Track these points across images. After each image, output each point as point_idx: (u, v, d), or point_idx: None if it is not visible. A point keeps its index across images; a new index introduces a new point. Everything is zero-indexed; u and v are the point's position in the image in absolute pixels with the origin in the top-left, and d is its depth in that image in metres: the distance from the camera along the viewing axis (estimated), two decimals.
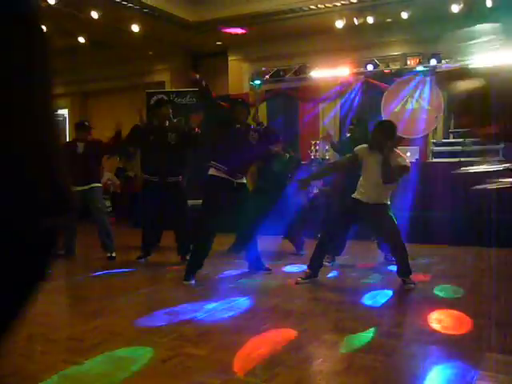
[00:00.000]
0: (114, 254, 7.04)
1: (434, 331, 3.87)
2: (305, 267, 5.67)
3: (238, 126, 5.76)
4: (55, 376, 3.01)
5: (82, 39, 11.77)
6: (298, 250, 7.20)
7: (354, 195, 5.35)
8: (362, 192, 5.30)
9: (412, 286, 5.17)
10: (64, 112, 16.58)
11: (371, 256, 6.71)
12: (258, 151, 5.96)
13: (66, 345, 3.58)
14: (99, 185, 7.30)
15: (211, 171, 5.63)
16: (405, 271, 5.24)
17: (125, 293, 5.19)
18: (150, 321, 4.11)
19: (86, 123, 7.35)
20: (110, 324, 4.06)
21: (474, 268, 6.38)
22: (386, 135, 5.21)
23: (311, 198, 8.62)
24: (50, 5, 9.36)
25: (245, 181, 5.84)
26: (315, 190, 8.75)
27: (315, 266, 5.48)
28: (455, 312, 4.36)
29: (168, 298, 4.95)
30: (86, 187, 6.98)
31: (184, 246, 6.67)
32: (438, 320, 4.16)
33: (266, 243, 7.46)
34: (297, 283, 5.40)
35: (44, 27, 1.19)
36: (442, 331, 3.86)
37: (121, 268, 6.50)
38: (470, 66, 9.60)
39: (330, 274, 5.74)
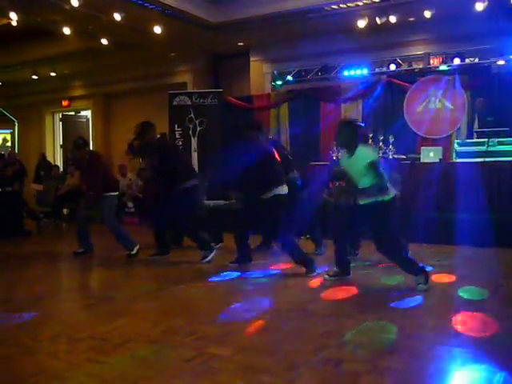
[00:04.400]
0: (133, 252, 7.07)
1: (459, 333, 3.83)
2: (326, 267, 5.72)
3: None
4: (79, 375, 3.04)
5: (104, 41, 11.87)
6: (318, 249, 7.18)
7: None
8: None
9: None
10: (87, 113, 16.77)
11: None
12: None
13: (89, 344, 3.60)
14: (111, 194, 7.27)
15: None
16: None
17: (147, 293, 5.21)
18: (172, 321, 4.13)
19: (80, 141, 7.36)
20: (133, 324, 4.09)
21: (499, 269, 6.29)
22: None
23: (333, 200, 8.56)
24: (73, 7, 9.46)
25: None
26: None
27: (342, 263, 5.52)
28: (480, 314, 4.30)
29: (191, 298, 4.96)
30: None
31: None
32: (463, 322, 4.11)
33: None
34: (324, 280, 5.48)
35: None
36: (467, 333, 3.82)
37: (144, 268, 6.54)
38: None
39: (353, 275, 5.69)
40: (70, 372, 3.08)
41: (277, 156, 6.23)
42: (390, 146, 9.59)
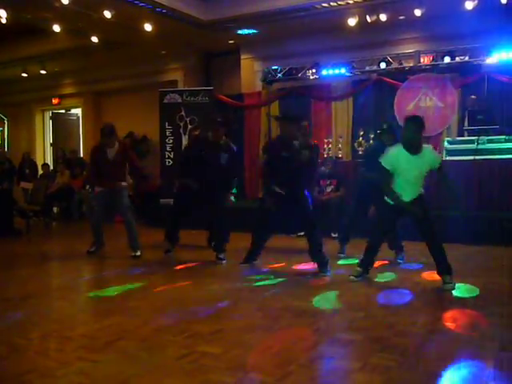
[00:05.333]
0: (138, 253, 7.07)
1: (449, 330, 3.85)
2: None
3: None
4: (70, 373, 3.03)
5: (95, 39, 11.83)
6: None
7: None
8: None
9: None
10: (77, 111, 16.71)
11: (384, 254, 6.66)
12: None
13: (80, 342, 3.59)
14: (125, 183, 7.23)
15: None
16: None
17: (139, 291, 5.20)
18: (163, 319, 4.13)
19: (112, 130, 7.10)
20: (124, 322, 4.08)
21: (489, 267, 6.33)
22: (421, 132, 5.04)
23: (324, 198, 8.60)
24: (63, 4, 9.42)
25: None
26: (328, 189, 8.73)
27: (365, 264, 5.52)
28: (470, 311, 4.34)
29: (182, 296, 4.96)
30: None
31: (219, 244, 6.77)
32: (453, 319, 4.14)
33: (279, 242, 7.48)
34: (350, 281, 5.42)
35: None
36: (457, 330, 3.84)
37: (135, 267, 6.52)
38: None
39: (343, 273, 5.71)
40: (60, 370, 3.07)
41: None
42: None
